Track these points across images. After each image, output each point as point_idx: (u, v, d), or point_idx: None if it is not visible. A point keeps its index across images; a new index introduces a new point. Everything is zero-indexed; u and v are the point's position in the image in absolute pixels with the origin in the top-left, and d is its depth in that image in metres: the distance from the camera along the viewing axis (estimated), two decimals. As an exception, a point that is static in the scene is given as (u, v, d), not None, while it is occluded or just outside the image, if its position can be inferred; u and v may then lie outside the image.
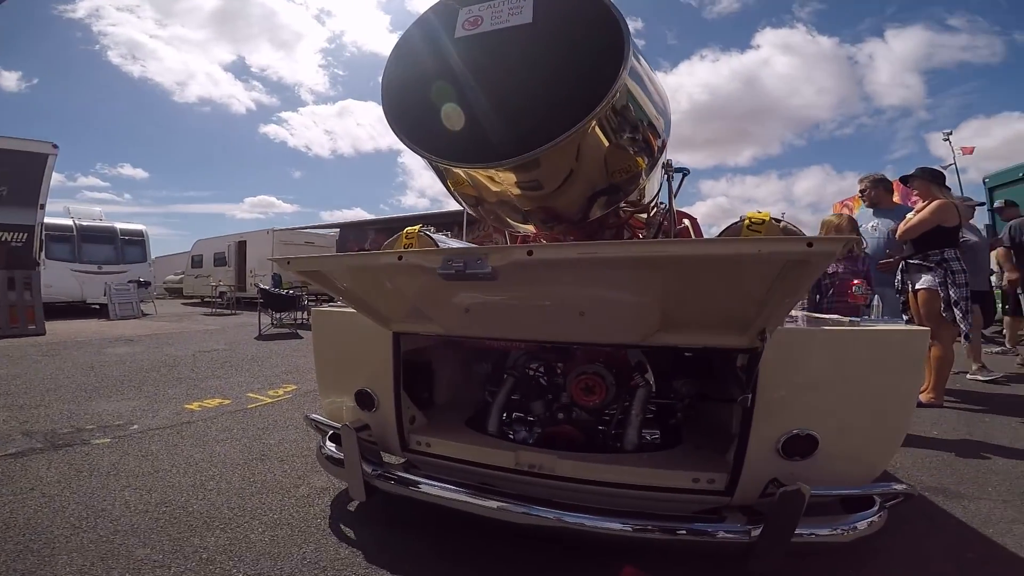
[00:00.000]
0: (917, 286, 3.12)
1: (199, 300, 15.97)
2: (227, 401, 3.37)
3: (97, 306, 10.68)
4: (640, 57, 1.32)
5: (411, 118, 1.35)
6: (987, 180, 9.03)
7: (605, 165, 1.43)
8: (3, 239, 7.39)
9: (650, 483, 1.39)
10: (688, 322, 1.26)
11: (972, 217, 3.95)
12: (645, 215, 2.37)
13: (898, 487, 1.37)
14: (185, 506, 1.80)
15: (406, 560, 1.47)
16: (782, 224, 1.43)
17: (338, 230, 19.41)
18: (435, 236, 1.84)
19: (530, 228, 1.89)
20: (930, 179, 3.18)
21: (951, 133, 17.11)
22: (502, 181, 1.39)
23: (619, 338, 1.38)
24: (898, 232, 3.17)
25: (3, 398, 3.32)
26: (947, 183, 3.34)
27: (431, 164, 1.40)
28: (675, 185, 2.04)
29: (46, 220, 8.30)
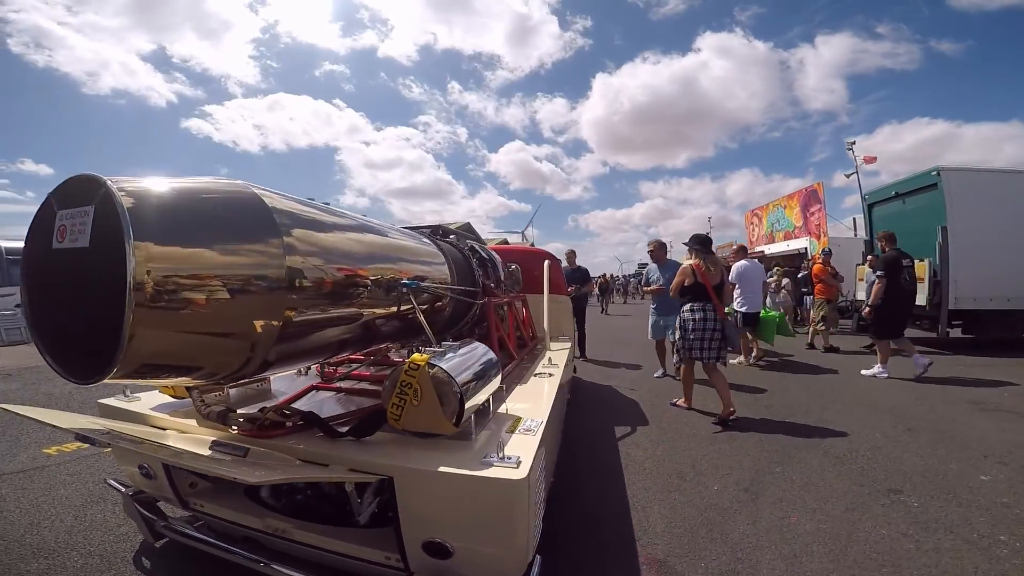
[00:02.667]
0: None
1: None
2: (86, 445, 3.80)
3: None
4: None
5: (47, 319, 1.28)
6: (867, 197, 10.65)
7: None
8: None
9: (357, 555, 1.76)
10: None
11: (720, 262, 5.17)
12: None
13: None
14: (20, 540, 2.36)
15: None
16: (434, 371, 1.64)
17: None
18: None
19: None
20: (692, 246, 4.63)
21: (855, 142, 19.41)
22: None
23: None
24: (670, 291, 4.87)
25: None
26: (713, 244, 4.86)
27: None
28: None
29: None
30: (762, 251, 21.70)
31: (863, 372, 6.50)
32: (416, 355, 1.69)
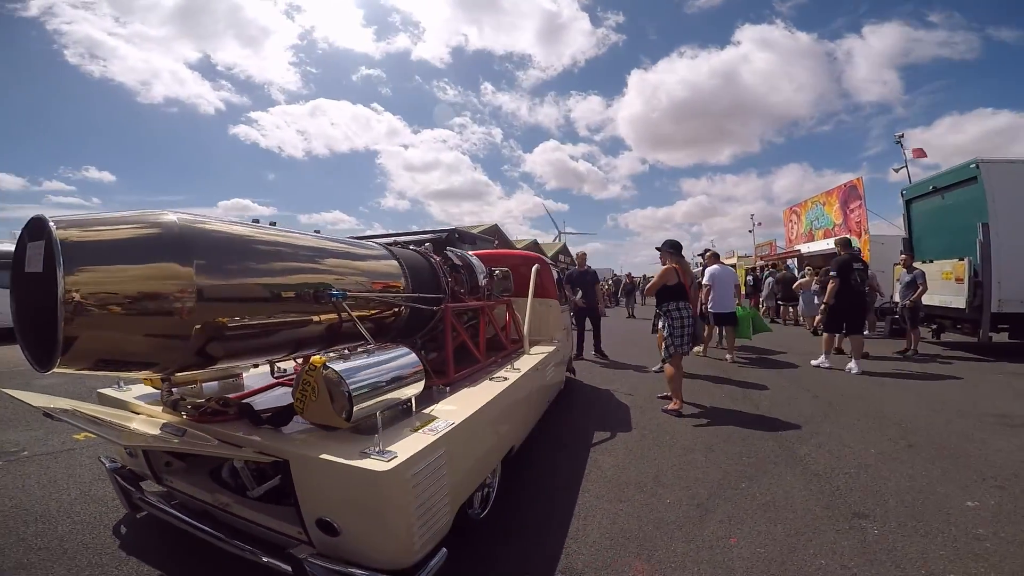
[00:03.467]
0: (658, 327, 5.61)
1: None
2: (111, 433, 4.34)
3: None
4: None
5: (26, 322, 1.66)
6: (904, 192, 10.23)
7: None
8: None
9: (281, 530, 2.01)
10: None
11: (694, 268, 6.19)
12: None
13: None
14: (30, 508, 2.81)
15: (153, 551, 2.40)
16: (327, 372, 1.85)
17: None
18: None
19: None
20: (665, 250, 5.18)
21: (903, 135, 18.31)
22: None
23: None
24: (645, 290, 5.42)
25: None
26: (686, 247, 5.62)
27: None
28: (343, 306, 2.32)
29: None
30: (798, 251, 20.51)
31: (812, 362, 7.29)
32: (315, 357, 1.91)
